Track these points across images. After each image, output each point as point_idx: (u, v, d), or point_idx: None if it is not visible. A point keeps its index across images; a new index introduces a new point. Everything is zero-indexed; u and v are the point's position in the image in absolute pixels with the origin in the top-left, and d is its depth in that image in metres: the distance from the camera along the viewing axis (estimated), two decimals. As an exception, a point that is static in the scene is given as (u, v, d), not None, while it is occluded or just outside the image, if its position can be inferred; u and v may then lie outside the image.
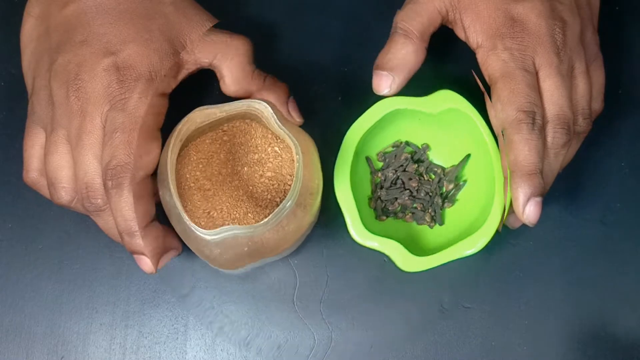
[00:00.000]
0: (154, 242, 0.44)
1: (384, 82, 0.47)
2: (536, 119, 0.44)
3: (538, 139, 0.44)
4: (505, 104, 0.44)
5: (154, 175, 0.45)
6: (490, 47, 0.45)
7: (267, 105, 0.42)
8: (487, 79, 0.46)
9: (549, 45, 0.45)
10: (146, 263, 0.44)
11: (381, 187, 0.51)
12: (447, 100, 0.48)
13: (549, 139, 0.45)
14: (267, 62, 0.49)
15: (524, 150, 0.44)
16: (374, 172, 0.52)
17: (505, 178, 0.46)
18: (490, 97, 0.46)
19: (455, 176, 0.52)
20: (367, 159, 0.52)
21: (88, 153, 0.43)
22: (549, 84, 0.45)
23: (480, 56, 0.46)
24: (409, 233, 0.51)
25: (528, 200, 0.44)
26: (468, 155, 0.51)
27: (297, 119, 0.50)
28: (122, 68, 0.44)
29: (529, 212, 0.44)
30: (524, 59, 0.45)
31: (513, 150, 0.44)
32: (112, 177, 0.42)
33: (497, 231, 0.47)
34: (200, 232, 0.40)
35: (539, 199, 0.44)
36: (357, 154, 0.49)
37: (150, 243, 0.43)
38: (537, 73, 0.45)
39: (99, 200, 0.44)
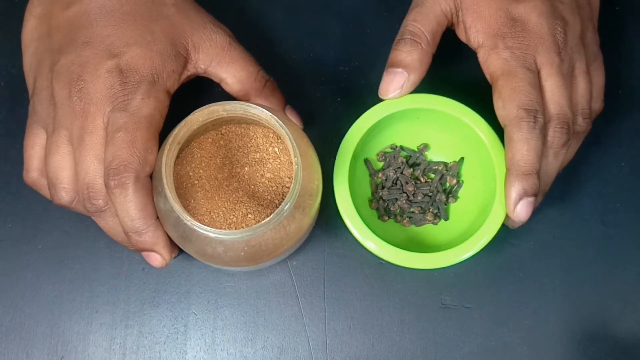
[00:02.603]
0: (163, 235, 0.44)
1: (397, 81, 0.47)
2: (538, 117, 0.44)
3: (538, 139, 0.44)
4: (507, 102, 0.44)
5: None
6: (491, 46, 0.45)
7: (264, 109, 0.41)
8: (488, 78, 0.46)
9: (550, 44, 0.45)
10: (156, 258, 0.44)
11: (382, 187, 0.51)
12: (440, 104, 0.49)
13: (549, 138, 0.45)
14: (266, 62, 0.49)
15: (522, 149, 0.44)
16: (373, 173, 0.52)
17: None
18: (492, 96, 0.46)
19: (457, 172, 0.52)
20: (366, 160, 0.52)
21: (89, 153, 0.43)
22: (550, 83, 0.45)
23: (481, 55, 0.46)
24: (411, 233, 0.51)
25: (520, 199, 0.44)
26: (462, 159, 0.52)
27: (298, 124, 0.50)
28: (125, 70, 0.44)
29: (519, 210, 0.45)
30: (526, 58, 0.45)
31: (511, 148, 0.44)
32: (115, 177, 0.42)
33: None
34: (209, 231, 0.40)
35: (531, 199, 0.45)
36: (354, 157, 0.49)
37: (161, 235, 0.43)
38: (538, 72, 0.45)
39: (100, 200, 0.44)
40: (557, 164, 0.46)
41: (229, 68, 0.47)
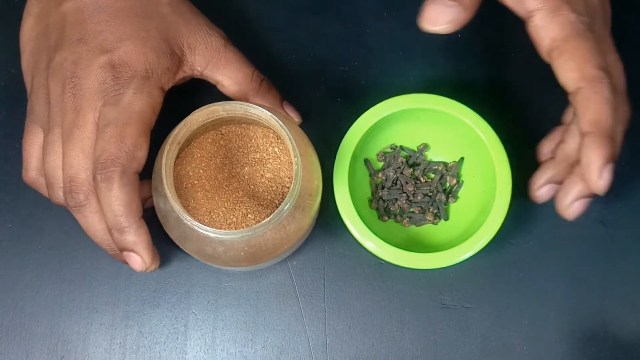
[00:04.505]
0: (145, 235, 0.43)
1: (450, 13, 0.41)
2: (611, 83, 0.41)
3: (616, 102, 0.41)
4: (584, 62, 0.41)
5: (148, 179, 0.45)
6: (554, 8, 0.42)
7: (264, 109, 0.41)
8: (548, 43, 0.42)
9: (604, 21, 0.43)
10: (136, 260, 0.43)
11: (382, 187, 0.51)
12: (440, 104, 0.49)
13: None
14: (266, 62, 0.49)
15: (606, 109, 0.41)
16: (373, 173, 0.52)
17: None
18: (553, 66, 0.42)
19: (457, 172, 0.52)
20: (366, 161, 0.52)
21: (75, 146, 0.43)
22: (611, 58, 0.43)
23: (540, 18, 0.42)
24: (411, 233, 0.51)
25: (607, 163, 0.41)
26: (462, 159, 0.52)
27: (296, 119, 0.50)
28: (117, 65, 0.43)
29: (605, 177, 0.41)
30: (592, 26, 0.42)
31: (592, 110, 0.41)
32: (102, 171, 0.41)
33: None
34: (209, 232, 0.40)
35: (612, 165, 0.41)
36: (354, 157, 0.49)
37: (142, 235, 0.43)
38: None
39: (81, 195, 0.43)
40: (620, 137, 0.43)
41: (225, 70, 0.47)
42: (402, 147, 0.52)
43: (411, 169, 0.52)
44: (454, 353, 0.50)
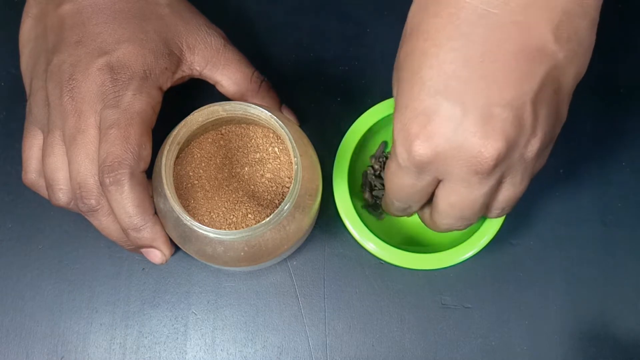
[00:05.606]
0: (161, 230, 0.44)
1: None
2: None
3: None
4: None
5: (148, 179, 0.45)
6: None
7: (263, 109, 0.41)
8: None
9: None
10: (156, 255, 0.44)
11: (372, 189, 0.51)
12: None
13: None
14: (266, 62, 0.49)
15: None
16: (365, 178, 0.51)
17: None
18: None
19: None
20: (372, 158, 0.51)
21: (80, 152, 0.43)
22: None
23: None
24: (411, 233, 0.51)
25: None
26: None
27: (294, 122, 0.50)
28: (116, 67, 0.43)
29: None
30: None
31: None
32: (110, 174, 0.42)
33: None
34: (209, 232, 0.40)
35: None
36: (354, 157, 0.49)
37: (160, 230, 0.44)
38: None
39: (92, 200, 0.43)
40: None
41: (225, 70, 0.47)
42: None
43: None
44: (454, 353, 0.50)
